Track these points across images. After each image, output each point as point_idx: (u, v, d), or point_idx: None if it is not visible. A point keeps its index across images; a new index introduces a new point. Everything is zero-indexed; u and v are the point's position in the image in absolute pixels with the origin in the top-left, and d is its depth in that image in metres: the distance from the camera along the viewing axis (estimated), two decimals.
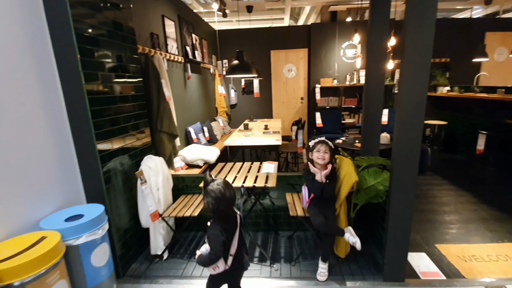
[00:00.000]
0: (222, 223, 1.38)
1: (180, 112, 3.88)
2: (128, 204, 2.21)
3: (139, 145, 2.37)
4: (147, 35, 2.98)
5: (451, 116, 5.06)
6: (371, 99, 2.42)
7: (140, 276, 2.11)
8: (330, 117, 5.65)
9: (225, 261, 1.41)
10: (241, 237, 1.47)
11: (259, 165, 2.42)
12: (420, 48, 1.56)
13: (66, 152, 1.80)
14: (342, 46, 5.89)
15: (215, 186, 1.35)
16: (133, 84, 2.30)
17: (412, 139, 1.68)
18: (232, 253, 1.41)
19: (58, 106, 1.75)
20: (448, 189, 3.46)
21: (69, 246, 1.51)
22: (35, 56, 1.60)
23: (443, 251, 2.27)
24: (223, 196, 1.33)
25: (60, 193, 1.74)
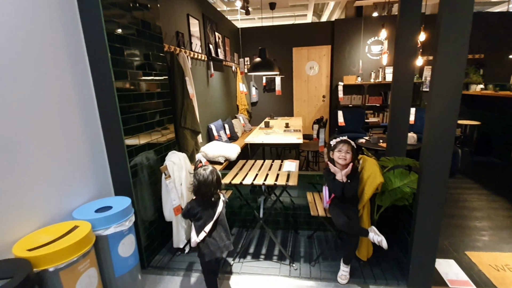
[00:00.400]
0: (199, 201, 1.71)
1: (202, 109, 3.95)
2: (153, 198, 2.29)
3: (163, 140, 2.44)
4: (173, 34, 3.05)
5: (485, 116, 4.75)
6: (398, 98, 2.33)
7: (163, 268, 2.19)
8: (353, 116, 5.50)
9: (197, 234, 1.67)
10: (220, 221, 1.71)
11: (280, 163, 2.41)
12: (455, 44, 1.47)
13: (97, 147, 1.89)
14: (367, 43, 5.70)
15: (202, 171, 1.67)
16: (159, 82, 2.37)
17: (443, 141, 1.60)
18: (206, 230, 1.65)
19: (90, 102, 1.84)
20: (480, 194, 3.27)
21: (98, 236, 1.59)
22: (71, 56, 1.69)
23: (473, 258, 2.15)
24: (205, 181, 1.65)
25: (91, 185, 1.84)
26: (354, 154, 1.95)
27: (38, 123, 1.48)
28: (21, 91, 1.40)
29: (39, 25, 1.50)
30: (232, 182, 2.01)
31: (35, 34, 1.47)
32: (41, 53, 1.51)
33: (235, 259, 2.23)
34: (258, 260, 2.23)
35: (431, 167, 1.67)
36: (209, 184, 1.65)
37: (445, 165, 1.65)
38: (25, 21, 1.43)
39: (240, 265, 2.17)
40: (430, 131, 1.61)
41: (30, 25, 1.45)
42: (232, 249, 1.81)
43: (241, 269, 2.13)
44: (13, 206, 1.36)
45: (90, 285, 1.48)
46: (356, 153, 1.98)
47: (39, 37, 1.50)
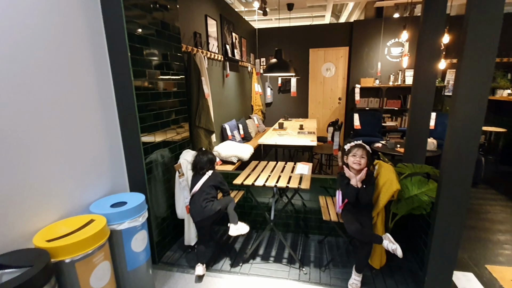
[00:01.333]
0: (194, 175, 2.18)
1: (217, 109, 3.98)
2: (166, 195, 2.33)
3: (178, 139, 2.47)
4: (191, 34, 3.09)
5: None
6: (419, 102, 2.25)
7: (173, 264, 2.22)
8: (370, 119, 5.38)
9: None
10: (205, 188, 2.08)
11: (292, 165, 2.38)
12: (483, 47, 1.39)
13: (115, 143, 1.94)
14: (387, 44, 5.55)
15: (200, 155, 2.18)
16: (176, 81, 2.41)
17: (466, 148, 1.52)
18: (193, 192, 2.10)
19: (110, 100, 1.89)
20: (504, 205, 3.09)
21: (113, 230, 1.63)
22: (93, 55, 1.75)
23: (495, 273, 2.03)
24: (197, 158, 2.17)
25: (108, 181, 1.89)
26: (369, 159, 1.90)
27: (61, 120, 1.54)
28: (47, 89, 1.46)
29: (65, 27, 1.56)
30: (244, 183, 2.01)
31: (61, 35, 1.53)
32: (66, 54, 1.56)
33: (244, 260, 2.23)
34: (268, 262, 2.22)
35: (453, 176, 1.60)
36: (198, 162, 2.15)
37: (467, 174, 1.58)
38: (53, 23, 1.48)
39: (249, 266, 2.17)
40: (453, 138, 1.54)
41: (57, 27, 1.51)
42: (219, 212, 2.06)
43: (250, 270, 2.12)
44: (35, 198, 1.42)
45: (103, 277, 1.52)
46: (371, 158, 1.92)
47: (65, 38, 1.55)
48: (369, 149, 1.91)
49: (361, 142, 1.92)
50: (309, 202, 2.54)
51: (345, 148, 1.96)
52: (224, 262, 2.22)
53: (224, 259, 2.26)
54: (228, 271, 2.12)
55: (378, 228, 1.93)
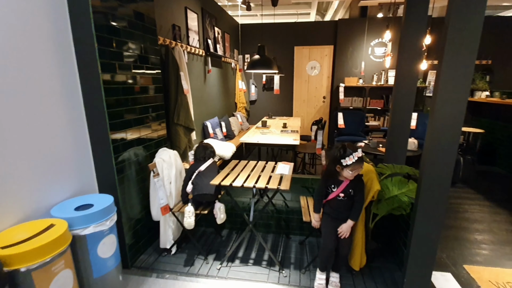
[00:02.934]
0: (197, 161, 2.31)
1: (198, 106, 3.85)
2: (141, 195, 2.20)
3: (154, 137, 2.35)
4: (169, 27, 2.95)
5: (490, 124, 4.64)
6: (400, 102, 2.23)
7: (147, 268, 2.10)
8: (353, 118, 5.40)
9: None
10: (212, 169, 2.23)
11: (273, 165, 2.32)
12: (463, 49, 1.37)
13: (81, 141, 1.80)
14: (371, 44, 5.59)
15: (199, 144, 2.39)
16: (152, 76, 2.28)
17: (446, 149, 1.50)
18: (199, 170, 2.20)
19: (75, 94, 1.74)
20: (482, 205, 3.16)
21: (76, 235, 1.50)
22: (56, 44, 1.60)
23: (472, 273, 2.05)
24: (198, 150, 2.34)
25: (73, 181, 1.75)
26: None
27: (17, 114, 1.39)
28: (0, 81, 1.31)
29: (23, 12, 1.41)
30: (221, 183, 1.92)
31: (18, 21, 1.38)
32: (24, 42, 1.41)
33: (223, 263, 2.14)
34: (247, 264, 2.14)
35: (432, 176, 1.57)
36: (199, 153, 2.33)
37: (446, 174, 1.56)
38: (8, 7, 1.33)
39: (227, 269, 2.09)
40: (432, 138, 1.51)
41: (13, 12, 1.36)
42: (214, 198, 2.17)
43: (228, 273, 2.04)
44: None
45: (64, 286, 1.40)
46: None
47: (22, 25, 1.40)
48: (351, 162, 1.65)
49: (360, 154, 1.63)
50: (290, 202, 2.49)
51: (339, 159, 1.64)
52: (201, 266, 2.13)
53: (202, 262, 2.17)
54: (205, 275, 2.03)
55: (358, 230, 1.89)
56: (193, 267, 2.12)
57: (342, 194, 1.73)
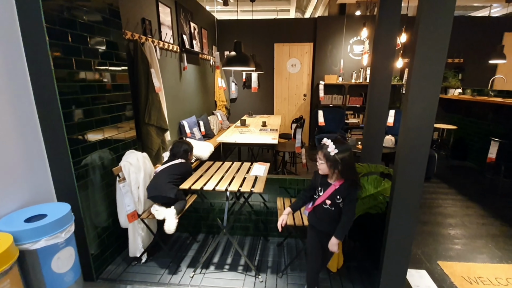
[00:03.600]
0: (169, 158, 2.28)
1: (174, 105, 3.70)
2: (107, 202, 2.05)
3: (121, 138, 2.20)
4: (138, 21, 2.78)
5: (462, 120, 4.80)
6: (375, 99, 2.21)
7: (115, 280, 1.96)
8: (333, 116, 5.43)
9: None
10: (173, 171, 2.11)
11: (249, 165, 2.23)
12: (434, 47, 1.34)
13: (33, 145, 1.63)
14: (350, 42, 5.62)
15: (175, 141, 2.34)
16: (117, 73, 2.12)
17: (418, 146, 1.48)
18: (156, 170, 2.17)
19: (25, 93, 1.57)
20: (455, 199, 3.25)
21: (25, 250, 1.35)
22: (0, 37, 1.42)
23: (446, 269, 2.07)
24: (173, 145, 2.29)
25: (24, 190, 1.58)
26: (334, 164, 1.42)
27: None
28: None
29: None
30: (192, 187, 1.81)
31: None
32: None
33: (196, 270, 2.04)
34: (222, 271, 2.05)
35: (405, 174, 1.55)
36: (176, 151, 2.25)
37: (419, 172, 1.54)
38: None
39: (201, 276, 1.99)
40: (405, 136, 1.48)
41: None
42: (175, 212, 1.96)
43: (201, 281, 1.94)
44: None
45: None
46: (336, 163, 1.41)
47: None
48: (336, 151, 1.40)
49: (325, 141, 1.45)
50: (269, 203, 2.42)
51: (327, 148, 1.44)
52: (173, 274, 2.01)
53: (174, 270, 2.05)
54: (177, 284, 1.92)
55: None
56: (164, 275, 2.00)
57: (328, 201, 1.48)
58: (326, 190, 1.49)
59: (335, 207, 1.49)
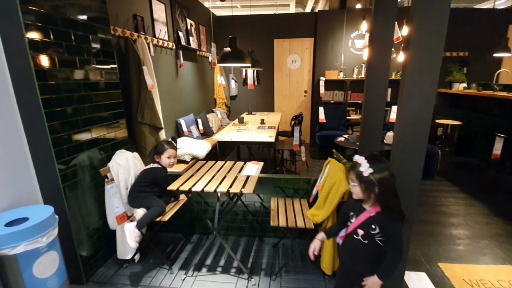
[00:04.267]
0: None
1: (170, 103, 3.64)
2: (97, 203, 2.01)
3: (111, 138, 2.15)
4: (129, 17, 2.72)
5: (467, 116, 4.66)
6: (372, 95, 2.11)
7: (105, 283, 1.93)
8: (335, 113, 5.32)
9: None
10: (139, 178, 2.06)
11: (242, 165, 2.17)
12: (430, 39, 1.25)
13: (16, 146, 1.58)
14: (351, 36, 5.49)
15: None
16: (105, 71, 2.06)
17: (414, 146, 1.39)
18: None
19: (5, 92, 1.52)
20: (458, 197, 3.14)
21: (4, 256, 1.31)
22: None
23: (446, 271, 1.99)
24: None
25: (6, 192, 1.53)
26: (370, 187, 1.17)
27: None
28: None
29: None
30: (180, 188, 1.76)
31: None
32: None
33: (188, 272, 1.99)
34: (214, 273, 2.00)
35: (401, 174, 1.46)
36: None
37: (416, 170, 1.45)
38: None
39: (192, 279, 1.94)
40: (401, 134, 1.40)
41: None
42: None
43: (193, 284, 1.89)
44: None
45: None
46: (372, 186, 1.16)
47: None
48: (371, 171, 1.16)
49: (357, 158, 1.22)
50: (266, 203, 2.35)
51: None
52: (164, 277, 1.97)
53: (166, 272, 2.01)
54: (168, 287, 1.87)
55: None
56: (155, 278, 1.96)
57: (361, 231, 1.23)
58: (359, 216, 1.25)
59: (370, 241, 1.21)
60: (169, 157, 2.05)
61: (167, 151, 2.04)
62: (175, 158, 2.10)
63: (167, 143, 2.07)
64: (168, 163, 2.05)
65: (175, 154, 2.10)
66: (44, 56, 1.57)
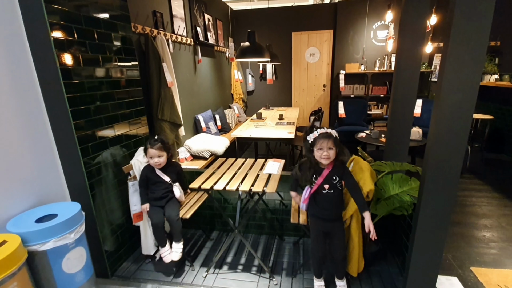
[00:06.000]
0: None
1: (188, 99, 3.65)
2: (121, 199, 2.04)
3: (133, 135, 2.16)
4: (149, 14, 2.72)
5: (499, 109, 4.37)
6: (402, 88, 2.00)
7: (128, 278, 1.96)
8: (355, 107, 5.15)
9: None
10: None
11: (263, 162, 2.13)
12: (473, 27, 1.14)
13: (43, 145, 1.62)
14: (373, 27, 5.26)
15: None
16: (126, 68, 2.07)
17: (454, 143, 1.29)
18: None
19: (32, 91, 1.55)
20: (490, 197, 2.95)
21: (34, 252, 1.34)
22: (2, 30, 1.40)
23: (480, 276, 1.87)
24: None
25: (36, 189, 1.58)
26: (339, 147, 1.51)
27: None
28: None
29: None
30: (202, 187, 1.74)
31: None
32: None
33: (209, 270, 1.99)
34: (235, 271, 1.99)
35: (437, 173, 1.38)
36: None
37: (454, 171, 1.36)
38: None
39: (214, 277, 1.94)
40: (438, 130, 1.30)
41: None
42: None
43: (214, 282, 1.89)
44: None
45: None
46: (340, 145, 1.52)
47: None
48: (337, 136, 1.53)
49: (326, 130, 1.51)
50: (286, 201, 2.31)
51: (308, 140, 1.52)
52: (186, 273, 1.98)
53: (187, 269, 2.02)
54: (190, 284, 1.88)
55: (353, 232, 1.71)
56: (177, 275, 1.97)
57: (326, 185, 1.53)
58: (321, 175, 1.53)
59: (334, 190, 1.54)
60: (151, 157, 1.85)
61: (147, 151, 1.86)
62: (159, 158, 1.85)
63: (150, 142, 1.87)
64: (152, 163, 1.87)
65: (157, 153, 1.84)
66: (69, 54, 1.58)
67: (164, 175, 1.90)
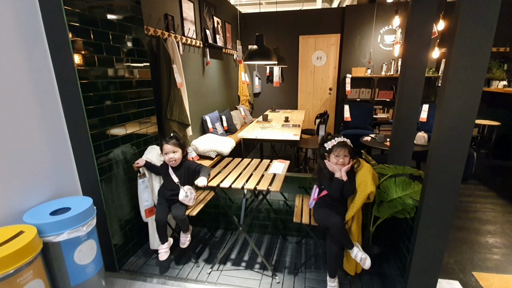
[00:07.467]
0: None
1: (196, 100, 3.72)
2: (130, 195, 2.11)
3: (143, 133, 2.24)
4: (160, 16, 2.80)
5: (507, 116, 4.34)
6: (407, 93, 2.03)
7: (136, 272, 2.02)
8: (360, 111, 5.17)
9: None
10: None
11: (268, 163, 2.17)
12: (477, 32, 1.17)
13: (60, 141, 1.70)
14: (380, 32, 5.28)
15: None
16: (139, 69, 2.15)
17: (455, 149, 1.32)
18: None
19: (50, 91, 1.63)
20: (495, 203, 2.95)
21: (49, 242, 1.41)
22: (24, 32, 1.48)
23: (482, 281, 1.88)
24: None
25: (51, 183, 1.66)
26: (352, 154, 1.72)
27: None
28: None
29: None
30: (208, 184, 1.80)
31: None
32: None
33: (213, 267, 2.04)
34: (239, 269, 2.04)
35: (439, 177, 1.41)
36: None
37: (456, 175, 1.38)
38: None
39: (218, 273, 1.99)
40: (440, 136, 1.33)
41: None
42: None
43: (218, 279, 1.94)
44: None
45: None
46: (353, 152, 1.73)
47: None
48: (351, 144, 1.73)
49: (343, 139, 1.72)
50: (290, 202, 2.35)
51: (325, 147, 1.73)
52: (191, 270, 2.03)
53: (192, 266, 2.07)
54: (194, 280, 1.93)
55: (353, 233, 1.75)
56: (182, 270, 2.03)
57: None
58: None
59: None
60: (166, 153, 1.91)
61: (163, 147, 1.93)
62: (174, 153, 1.91)
63: (165, 139, 1.95)
64: (166, 159, 1.93)
65: (172, 149, 1.91)
66: (86, 55, 1.66)
67: (173, 175, 1.97)
